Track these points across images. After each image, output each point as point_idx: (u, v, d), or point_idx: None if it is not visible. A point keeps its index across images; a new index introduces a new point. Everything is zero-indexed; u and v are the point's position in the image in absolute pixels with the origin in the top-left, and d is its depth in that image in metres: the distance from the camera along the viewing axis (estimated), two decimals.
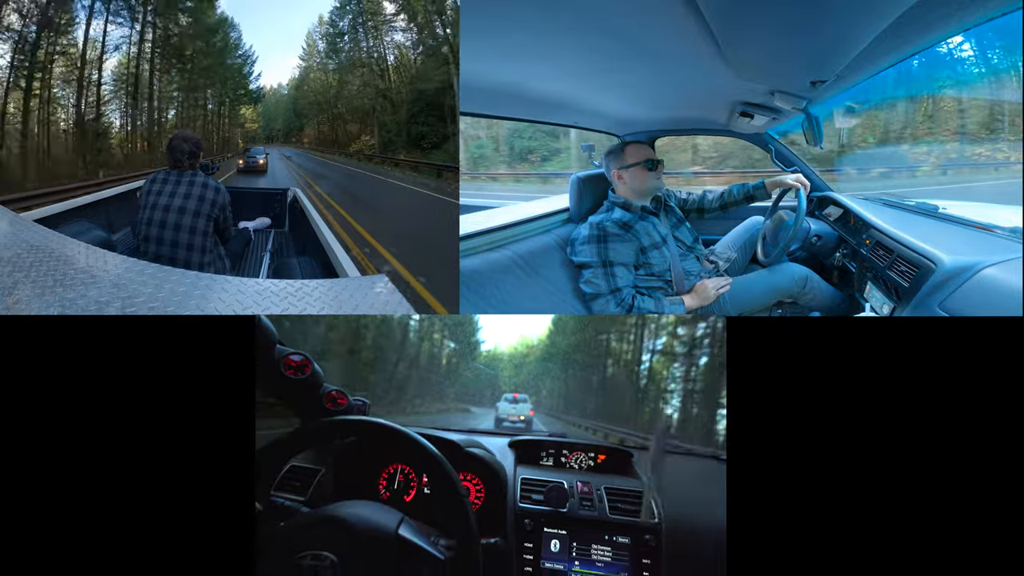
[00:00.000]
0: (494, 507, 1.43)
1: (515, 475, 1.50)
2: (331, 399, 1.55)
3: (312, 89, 7.98)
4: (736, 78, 1.76)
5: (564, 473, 1.55)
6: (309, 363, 1.44)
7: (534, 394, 5.31)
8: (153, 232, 2.14)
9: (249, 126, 7.69)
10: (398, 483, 1.50)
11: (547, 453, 1.65)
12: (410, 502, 1.47)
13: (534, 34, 1.50)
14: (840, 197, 2.46)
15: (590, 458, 1.63)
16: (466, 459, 1.48)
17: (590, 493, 1.44)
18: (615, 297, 1.98)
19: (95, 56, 5.30)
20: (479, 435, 1.74)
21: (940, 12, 1.41)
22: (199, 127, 6.84)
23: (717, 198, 2.40)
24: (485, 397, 5.43)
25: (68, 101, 5.27)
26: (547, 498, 1.41)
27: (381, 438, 1.09)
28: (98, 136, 5.51)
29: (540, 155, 6.94)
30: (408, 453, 0.99)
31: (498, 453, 1.57)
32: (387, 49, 7.04)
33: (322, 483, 1.45)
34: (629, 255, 2.01)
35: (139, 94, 5.81)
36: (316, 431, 1.13)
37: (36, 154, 4.99)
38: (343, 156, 7.86)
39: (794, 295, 2.09)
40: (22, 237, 1.85)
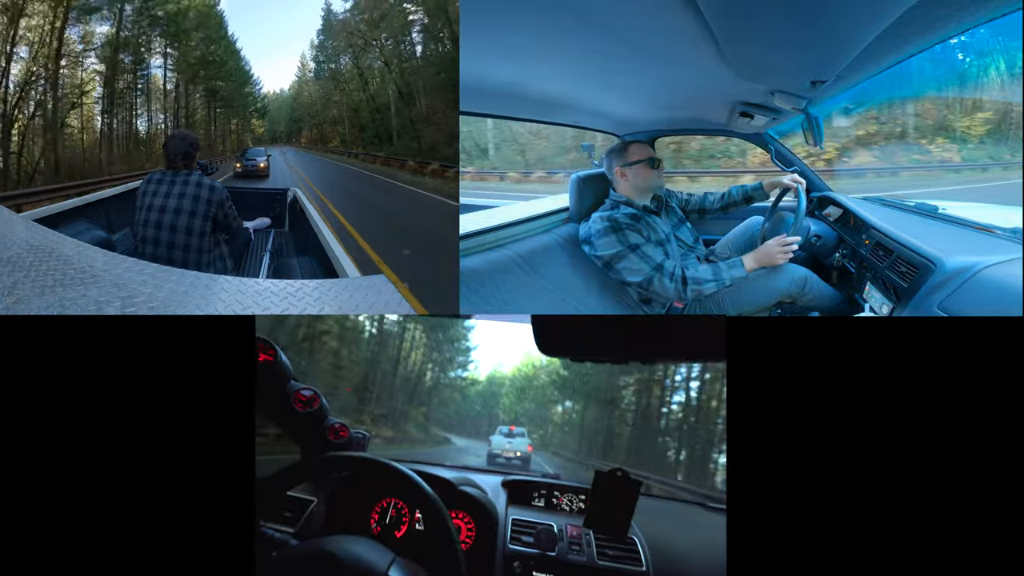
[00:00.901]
0: (484, 547, 1.43)
1: (507, 515, 1.50)
2: (334, 431, 1.61)
3: (302, 103, 8.04)
4: (736, 78, 1.76)
5: (555, 515, 1.55)
6: (318, 398, 1.54)
7: (539, 427, 4.73)
8: (150, 233, 2.12)
9: (257, 131, 7.66)
10: (390, 518, 1.49)
11: (539, 494, 1.66)
12: (401, 538, 1.46)
13: (534, 35, 1.50)
14: (840, 197, 2.46)
15: (580, 500, 1.64)
16: (458, 497, 1.48)
17: (579, 537, 1.44)
18: (661, 273, 1.91)
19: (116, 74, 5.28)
20: (471, 472, 1.75)
21: (940, 12, 1.41)
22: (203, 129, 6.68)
23: (718, 199, 2.43)
24: (480, 427, 4.92)
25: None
26: (536, 540, 1.40)
27: (377, 475, 1.09)
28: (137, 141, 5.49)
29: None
30: (404, 491, 0.99)
31: (491, 491, 1.58)
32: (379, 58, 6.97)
33: (313, 514, 1.45)
34: (650, 237, 2.01)
35: (167, 108, 5.73)
36: (316, 466, 1.17)
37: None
38: (344, 156, 7.83)
39: (794, 296, 2.09)
40: (22, 237, 1.84)
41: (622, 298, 2.12)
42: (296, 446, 1.64)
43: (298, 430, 1.59)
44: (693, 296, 1.95)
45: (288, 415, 1.51)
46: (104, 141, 5.04)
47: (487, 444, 4.58)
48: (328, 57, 7.17)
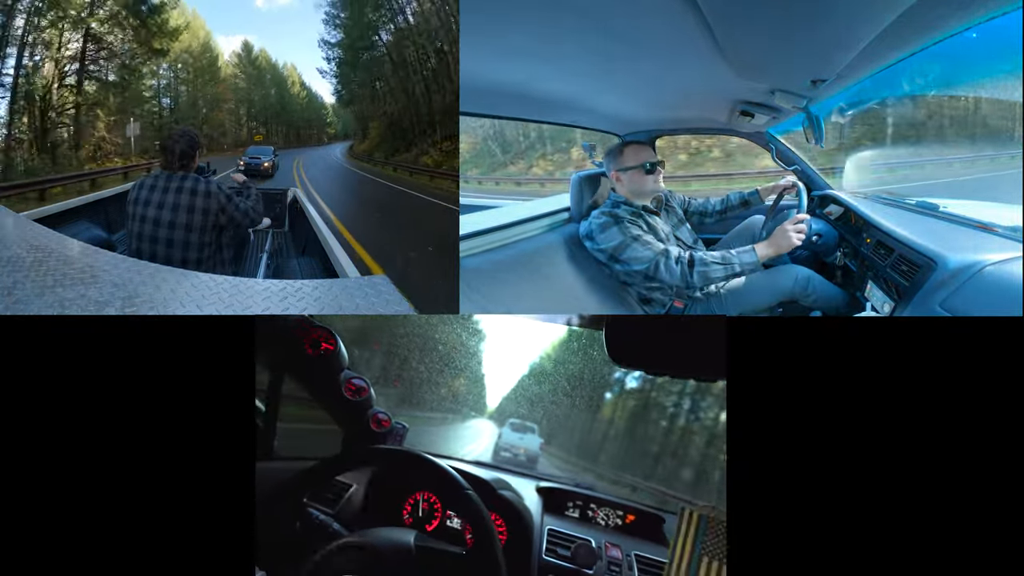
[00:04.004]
0: (514, 553, 1.37)
1: (542, 524, 1.45)
2: (376, 421, 1.72)
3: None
4: (737, 77, 1.76)
5: (590, 528, 1.49)
6: (367, 388, 1.66)
7: (552, 426, 4.43)
8: (145, 247, 1.95)
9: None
10: (422, 511, 1.50)
11: (574, 504, 1.60)
12: (431, 532, 1.46)
13: (535, 35, 1.50)
14: (841, 196, 2.46)
15: (618, 516, 1.57)
16: (496, 500, 1.44)
17: (619, 558, 1.36)
18: (667, 257, 1.86)
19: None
20: (505, 473, 1.72)
21: (940, 12, 1.41)
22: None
23: (718, 204, 2.46)
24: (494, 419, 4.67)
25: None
26: (574, 556, 1.34)
27: (424, 472, 1.09)
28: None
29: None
30: (451, 496, 0.99)
31: (524, 496, 1.54)
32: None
33: (352, 498, 1.48)
34: (651, 233, 2.01)
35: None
36: (363, 457, 1.29)
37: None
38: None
39: (796, 296, 2.09)
40: (22, 237, 1.84)
41: (622, 299, 2.12)
42: (339, 428, 1.74)
43: (344, 415, 1.69)
44: (700, 282, 1.87)
45: (337, 401, 1.64)
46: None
47: (497, 437, 4.50)
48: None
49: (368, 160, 5.60)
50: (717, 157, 4.20)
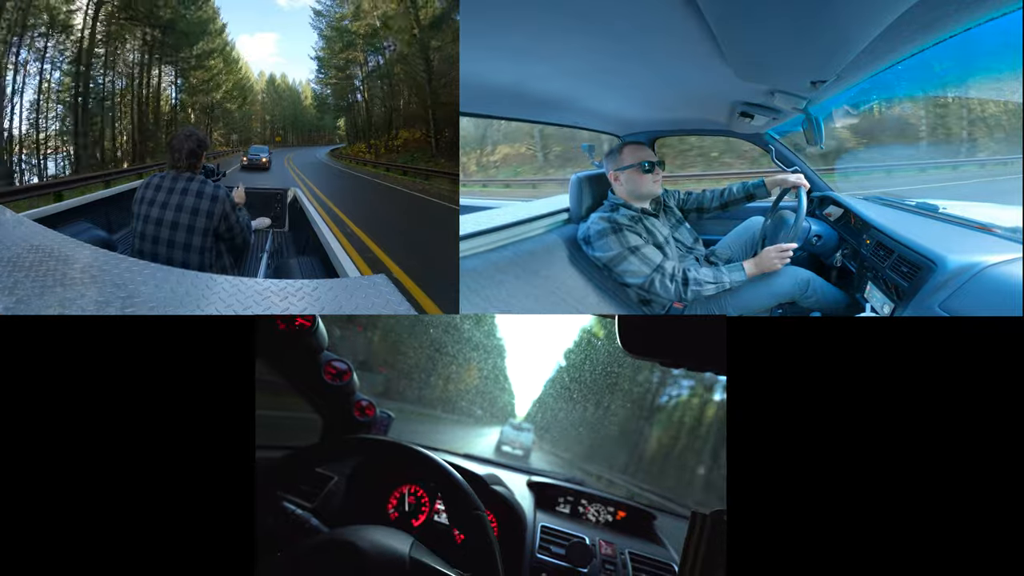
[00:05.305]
0: (507, 551, 1.34)
1: (535, 520, 1.43)
2: (359, 408, 1.59)
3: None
4: (736, 78, 1.76)
5: (581, 525, 1.47)
6: (350, 372, 1.51)
7: (546, 424, 4.64)
8: (147, 248, 1.96)
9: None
10: (408, 505, 1.42)
11: (564, 499, 1.57)
12: (419, 527, 1.39)
13: (535, 35, 1.50)
14: (840, 197, 2.46)
15: (609, 512, 1.56)
16: (489, 496, 1.41)
17: (613, 556, 1.35)
18: (662, 274, 1.91)
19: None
20: (498, 468, 1.68)
21: (940, 12, 1.41)
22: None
23: (717, 196, 2.40)
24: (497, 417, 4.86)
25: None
26: (569, 554, 1.32)
27: (413, 464, 1.04)
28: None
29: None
30: (444, 490, 0.95)
31: (516, 491, 1.50)
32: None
33: (332, 492, 1.41)
34: (649, 239, 2.01)
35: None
36: (345, 447, 1.17)
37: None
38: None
39: (795, 297, 2.09)
40: (22, 237, 1.85)
41: (622, 299, 2.12)
42: (318, 416, 1.61)
43: (324, 402, 1.56)
44: (693, 297, 1.96)
45: (317, 385, 1.49)
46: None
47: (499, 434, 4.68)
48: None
49: (341, 158, 8.49)
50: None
